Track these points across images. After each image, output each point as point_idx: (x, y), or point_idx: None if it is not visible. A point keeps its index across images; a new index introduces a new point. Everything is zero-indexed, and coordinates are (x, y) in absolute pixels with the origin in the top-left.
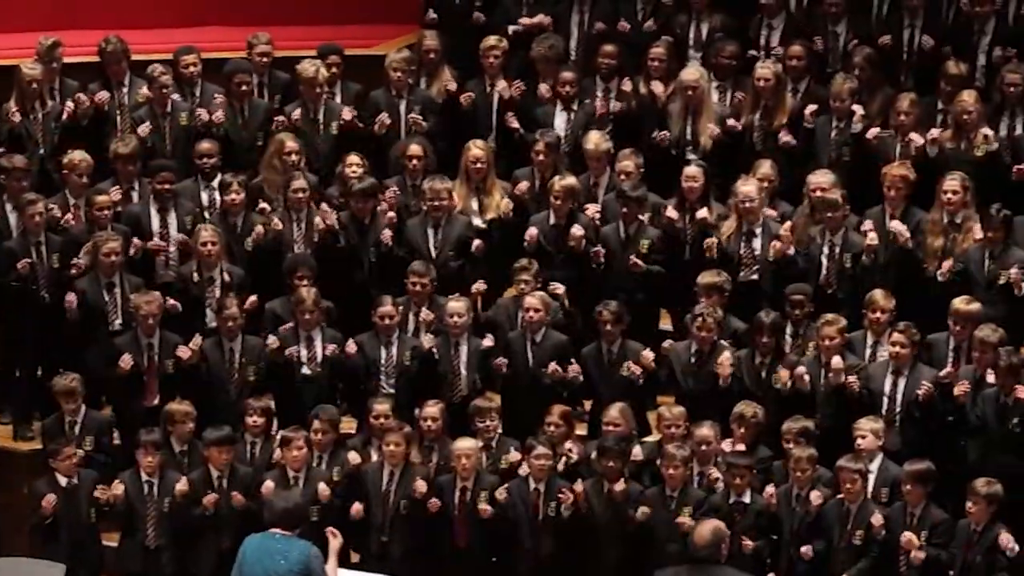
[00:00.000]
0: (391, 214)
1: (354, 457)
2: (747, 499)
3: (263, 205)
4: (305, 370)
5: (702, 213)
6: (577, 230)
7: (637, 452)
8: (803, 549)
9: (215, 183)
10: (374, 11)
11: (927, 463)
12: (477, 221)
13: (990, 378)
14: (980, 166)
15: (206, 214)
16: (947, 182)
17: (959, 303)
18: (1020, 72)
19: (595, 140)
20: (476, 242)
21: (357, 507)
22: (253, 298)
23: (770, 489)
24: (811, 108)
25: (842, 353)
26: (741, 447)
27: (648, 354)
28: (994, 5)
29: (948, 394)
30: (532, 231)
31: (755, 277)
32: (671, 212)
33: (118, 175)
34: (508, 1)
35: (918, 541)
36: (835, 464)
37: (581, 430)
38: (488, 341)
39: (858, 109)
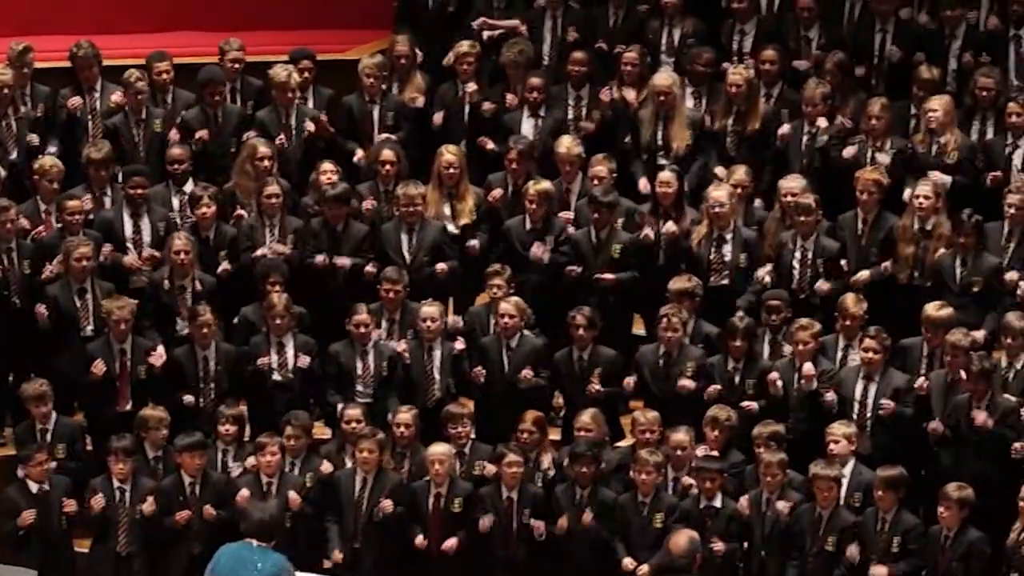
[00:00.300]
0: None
1: (326, 467)
2: (718, 503)
3: (239, 212)
4: (276, 376)
5: (670, 227)
6: (538, 250)
7: (609, 458)
8: None
9: (186, 188)
10: (346, 16)
11: (899, 468)
12: (450, 227)
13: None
14: (951, 171)
15: (178, 220)
16: (919, 187)
17: (931, 309)
18: (993, 77)
19: (567, 145)
20: (440, 266)
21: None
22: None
23: (744, 500)
24: (784, 129)
25: (815, 358)
26: (715, 451)
27: (630, 380)
28: (964, 12)
29: (920, 400)
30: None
31: (725, 282)
32: (648, 231)
33: (90, 180)
34: (480, 6)
35: (886, 570)
36: (807, 469)
37: (555, 434)
38: (460, 344)
39: (821, 122)
